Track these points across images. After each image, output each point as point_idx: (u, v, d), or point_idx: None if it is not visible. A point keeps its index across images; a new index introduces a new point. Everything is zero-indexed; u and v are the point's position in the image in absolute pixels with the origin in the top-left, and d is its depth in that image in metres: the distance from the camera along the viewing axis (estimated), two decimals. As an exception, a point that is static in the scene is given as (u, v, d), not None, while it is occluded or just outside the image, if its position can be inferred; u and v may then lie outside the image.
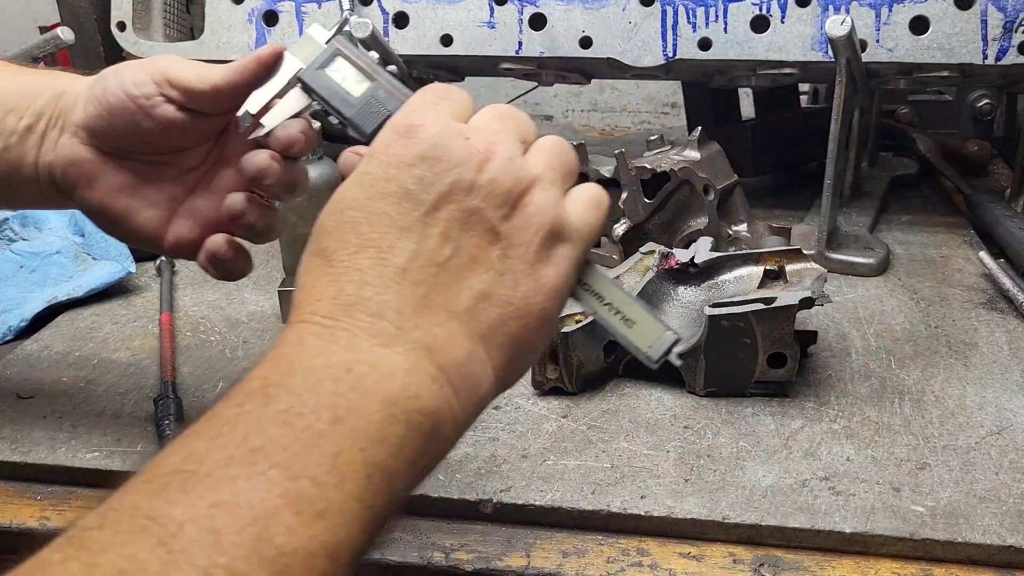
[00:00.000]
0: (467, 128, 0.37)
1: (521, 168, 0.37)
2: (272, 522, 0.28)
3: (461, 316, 0.34)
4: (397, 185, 0.35)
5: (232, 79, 0.49)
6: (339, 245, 0.36)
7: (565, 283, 0.38)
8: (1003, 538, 0.50)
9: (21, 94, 0.52)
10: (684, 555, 0.52)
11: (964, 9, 0.79)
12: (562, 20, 0.89)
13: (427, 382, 0.33)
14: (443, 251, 0.35)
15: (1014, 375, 0.66)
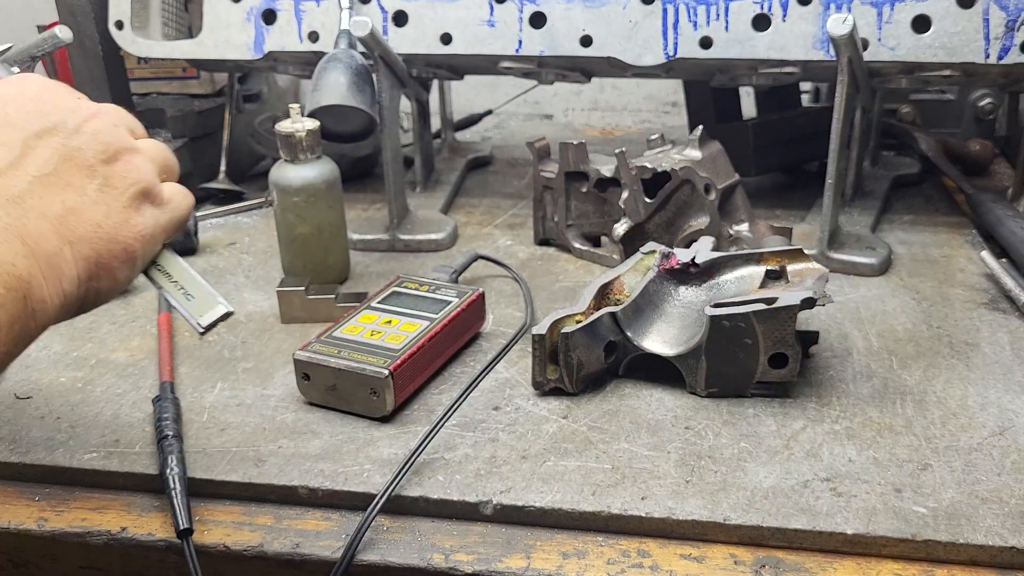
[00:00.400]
0: (83, 98, 0.50)
1: (123, 135, 0.49)
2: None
3: (52, 220, 0.44)
4: (3, 115, 0.46)
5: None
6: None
7: (150, 233, 0.49)
8: (1005, 539, 0.50)
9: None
10: (685, 556, 0.52)
11: (966, 8, 0.79)
12: (562, 19, 0.89)
13: (20, 257, 0.42)
14: (41, 168, 0.45)
15: (1016, 375, 0.66)
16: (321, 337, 0.66)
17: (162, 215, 0.50)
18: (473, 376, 0.66)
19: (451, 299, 0.71)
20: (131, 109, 1.07)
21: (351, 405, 0.63)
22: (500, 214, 1.03)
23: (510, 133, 1.39)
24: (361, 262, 0.90)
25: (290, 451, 0.60)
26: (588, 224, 0.90)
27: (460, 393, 0.63)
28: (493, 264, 0.86)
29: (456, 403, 0.61)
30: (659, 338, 0.66)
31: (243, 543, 0.54)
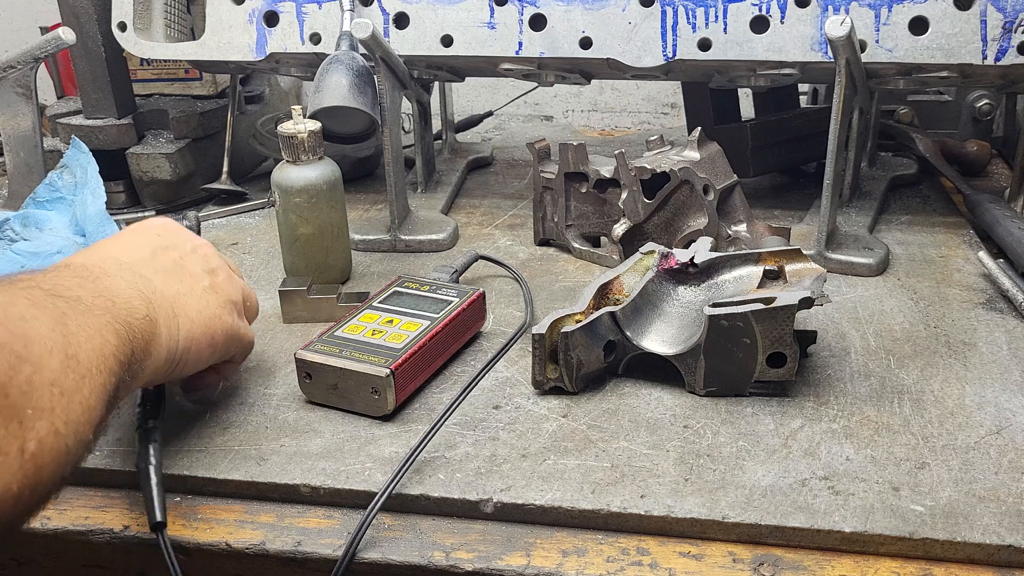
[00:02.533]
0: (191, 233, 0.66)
1: (221, 261, 0.65)
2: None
3: (169, 297, 0.56)
4: (138, 237, 0.61)
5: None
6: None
7: (232, 334, 0.62)
8: (1002, 537, 0.50)
9: None
10: (684, 554, 0.52)
11: (963, 9, 0.79)
12: (562, 21, 0.90)
13: (148, 307, 0.52)
14: (163, 266, 0.59)
15: (1013, 375, 0.66)
16: (323, 336, 0.67)
17: (240, 328, 0.63)
18: (473, 375, 0.66)
19: (452, 299, 0.72)
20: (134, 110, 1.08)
21: (352, 404, 0.64)
22: (500, 215, 1.03)
23: (510, 134, 1.39)
24: (362, 262, 0.91)
25: (292, 450, 0.60)
26: (588, 224, 0.90)
27: (460, 392, 0.63)
28: (493, 264, 0.87)
29: (456, 402, 0.62)
30: (658, 338, 0.67)
31: (245, 541, 0.55)
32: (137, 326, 0.50)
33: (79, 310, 0.46)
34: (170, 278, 0.57)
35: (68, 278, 0.48)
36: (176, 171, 1.05)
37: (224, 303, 0.61)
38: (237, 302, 0.63)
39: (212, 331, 0.58)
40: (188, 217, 0.77)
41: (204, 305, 0.59)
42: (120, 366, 0.47)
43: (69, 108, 1.10)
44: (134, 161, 1.05)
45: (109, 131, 1.04)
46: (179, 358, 0.56)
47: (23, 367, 0.39)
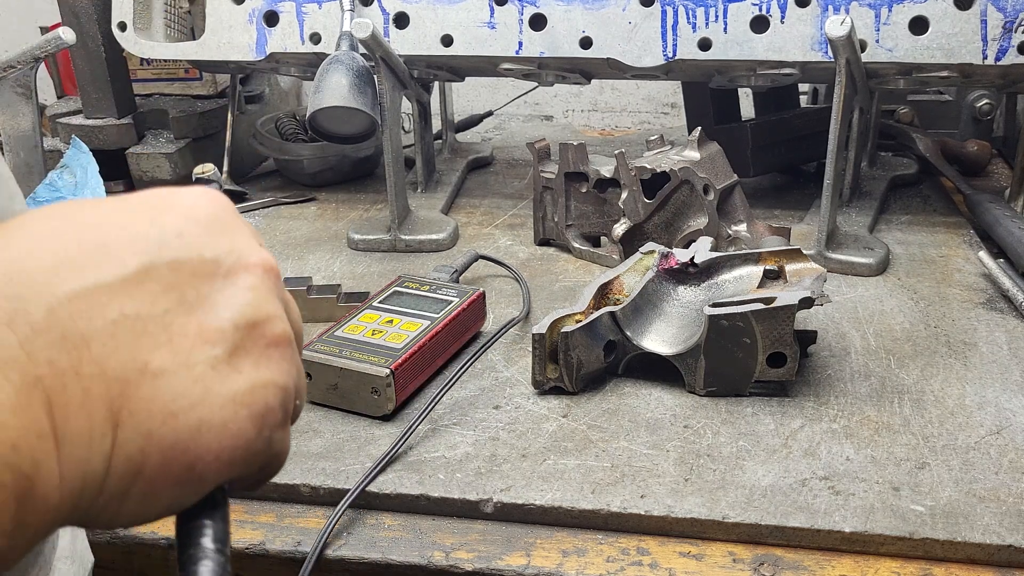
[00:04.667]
0: (260, 242, 0.36)
1: (283, 317, 0.35)
2: None
3: (112, 383, 0.28)
4: (145, 224, 0.33)
5: None
6: None
7: (240, 459, 0.31)
8: (1003, 537, 0.50)
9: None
10: (684, 554, 0.52)
11: (964, 9, 0.79)
12: (562, 20, 0.90)
13: (32, 436, 0.25)
14: (144, 306, 0.30)
15: (1014, 375, 0.66)
16: (323, 336, 0.67)
17: (275, 443, 0.32)
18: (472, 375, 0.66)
19: (452, 299, 0.72)
20: (134, 110, 1.08)
21: (352, 404, 0.64)
22: (500, 214, 1.03)
23: (510, 134, 1.39)
24: (363, 262, 0.91)
25: (292, 450, 0.60)
26: (588, 224, 0.90)
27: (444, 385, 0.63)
28: (494, 264, 0.87)
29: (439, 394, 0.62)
30: (658, 337, 0.67)
31: (245, 541, 0.55)
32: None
33: None
34: (139, 339, 0.28)
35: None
36: (176, 171, 1.05)
37: (253, 392, 0.30)
38: (285, 392, 0.32)
39: (202, 449, 0.29)
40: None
41: (203, 393, 0.29)
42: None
43: (69, 108, 1.10)
44: (134, 161, 1.05)
45: (109, 131, 1.04)
46: (109, 496, 0.28)
47: None
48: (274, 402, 0.31)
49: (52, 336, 0.26)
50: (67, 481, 0.26)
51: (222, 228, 0.31)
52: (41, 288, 0.26)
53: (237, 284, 0.31)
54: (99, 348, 0.27)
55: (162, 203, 0.31)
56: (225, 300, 0.30)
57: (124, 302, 0.28)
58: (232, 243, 0.31)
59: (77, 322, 0.26)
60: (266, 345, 0.31)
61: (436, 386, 0.67)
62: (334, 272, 0.89)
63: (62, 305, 0.26)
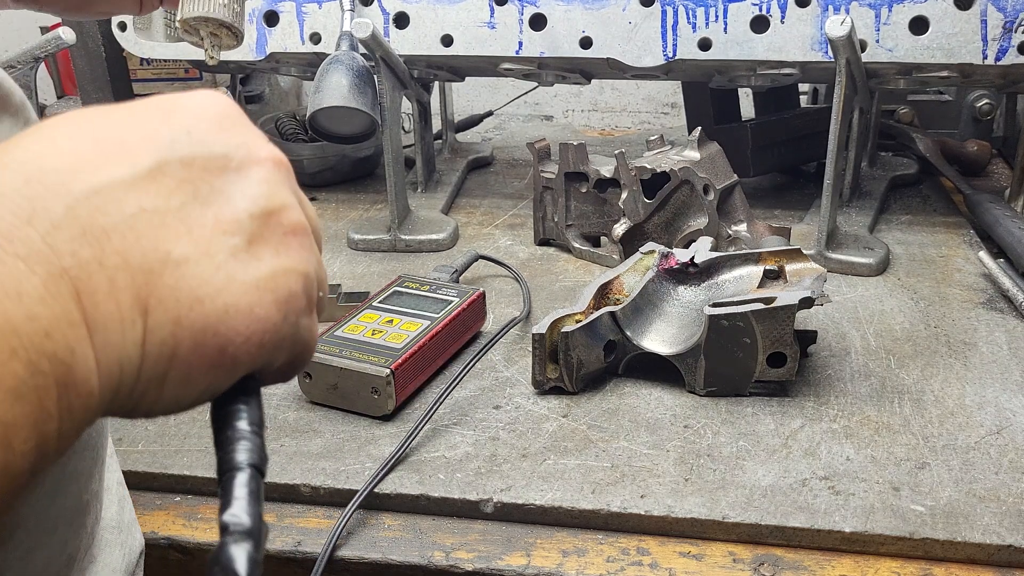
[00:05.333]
0: (266, 140, 0.37)
1: (298, 207, 0.37)
2: None
3: (137, 273, 0.29)
4: (157, 122, 0.34)
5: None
6: None
7: (270, 343, 0.32)
8: (1003, 537, 0.50)
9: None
10: (684, 554, 0.52)
11: (964, 9, 0.79)
12: (562, 20, 0.90)
13: (63, 325, 0.26)
14: (161, 200, 0.31)
15: (1014, 375, 0.66)
16: (323, 336, 0.67)
17: (302, 329, 0.32)
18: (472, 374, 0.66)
19: (452, 299, 0.72)
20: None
21: (353, 404, 0.64)
22: (500, 214, 1.03)
23: (510, 134, 1.39)
24: (363, 262, 0.91)
25: (292, 449, 0.60)
26: (588, 224, 0.90)
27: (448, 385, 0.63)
28: (494, 264, 0.87)
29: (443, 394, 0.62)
30: (658, 337, 0.67)
31: (246, 541, 0.54)
32: (25, 336, 0.25)
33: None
34: (159, 231, 0.28)
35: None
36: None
37: (275, 278, 0.31)
38: (307, 279, 0.33)
39: (231, 332, 0.29)
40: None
41: (220, 284, 0.29)
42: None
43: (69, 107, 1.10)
44: (134, 161, 1.05)
45: (109, 131, 1.04)
46: (147, 382, 0.28)
47: None
48: (297, 287, 0.32)
49: (73, 231, 0.26)
50: (104, 366, 0.27)
51: (231, 125, 0.32)
52: (58, 187, 0.27)
53: (249, 177, 0.31)
54: (120, 240, 0.28)
55: (170, 106, 0.31)
56: (239, 192, 0.31)
57: (141, 196, 0.28)
58: (241, 138, 0.32)
59: (96, 217, 0.27)
60: (284, 233, 0.32)
61: (436, 386, 0.67)
62: (334, 272, 0.89)
63: (79, 202, 0.27)
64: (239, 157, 0.31)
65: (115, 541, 0.45)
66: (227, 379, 0.31)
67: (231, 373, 0.30)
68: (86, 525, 0.41)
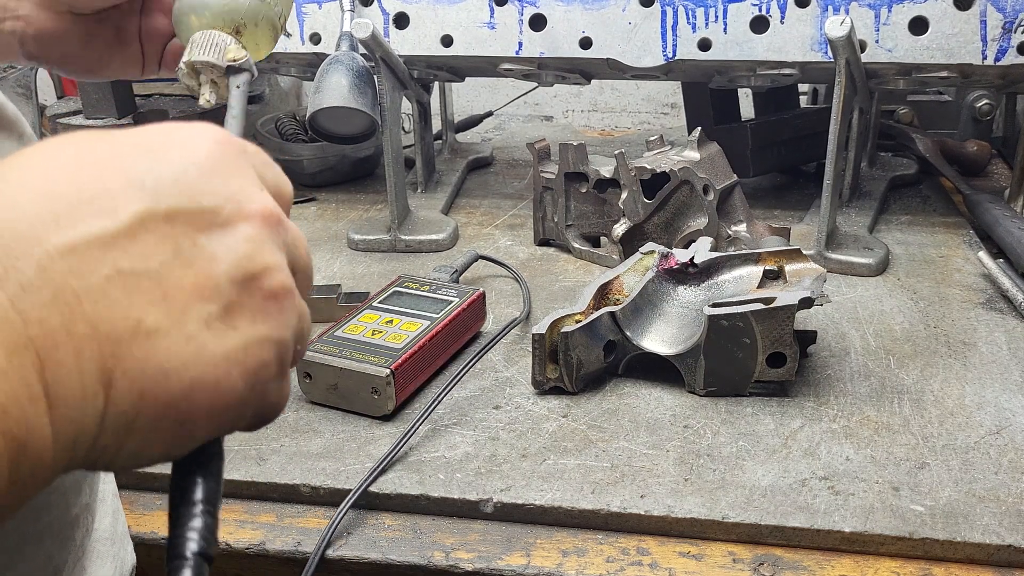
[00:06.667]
0: (261, 187, 0.34)
1: (284, 265, 0.34)
2: None
3: (106, 343, 0.28)
4: (142, 167, 0.32)
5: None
6: None
7: (242, 403, 0.31)
8: (1002, 537, 0.50)
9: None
10: (684, 554, 0.52)
11: (963, 10, 0.79)
12: (562, 21, 0.90)
13: (24, 400, 0.25)
14: (139, 261, 0.29)
15: (1013, 375, 0.66)
16: (323, 336, 0.67)
17: (269, 395, 0.31)
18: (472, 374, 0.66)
19: (452, 299, 0.72)
20: (134, 110, 1.08)
21: (352, 404, 0.64)
22: (500, 215, 1.03)
23: (510, 134, 1.39)
24: (363, 262, 0.91)
25: (292, 450, 0.60)
26: (588, 224, 0.90)
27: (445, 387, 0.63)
28: (493, 264, 0.87)
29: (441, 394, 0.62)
30: (658, 337, 0.67)
31: (245, 541, 0.55)
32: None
33: None
34: (133, 296, 0.27)
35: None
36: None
37: (247, 349, 0.30)
38: (281, 346, 0.31)
39: (194, 407, 0.28)
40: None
41: (195, 352, 0.28)
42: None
43: (69, 108, 1.10)
44: (134, 161, 1.05)
45: (109, 131, 1.04)
46: (102, 448, 0.28)
47: None
48: (269, 356, 0.30)
49: (44, 295, 0.25)
50: (60, 440, 0.26)
51: (223, 171, 0.30)
52: (33, 242, 0.25)
53: (235, 234, 0.30)
54: (91, 306, 0.26)
55: (162, 142, 0.30)
56: (223, 251, 0.29)
57: (118, 256, 0.27)
58: (231, 189, 0.30)
59: (69, 279, 0.26)
60: (263, 298, 0.30)
61: (436, 386, 0.67)
62: (334, 272, 0.89)
63: (54, 261, 0.25)
64: (227, 212, 0.30)
65: (108, 553, 0.44)
66: (186, 447, 0.30)
67: (189, 443, 0.30)
68: (75, 538, 0.40)
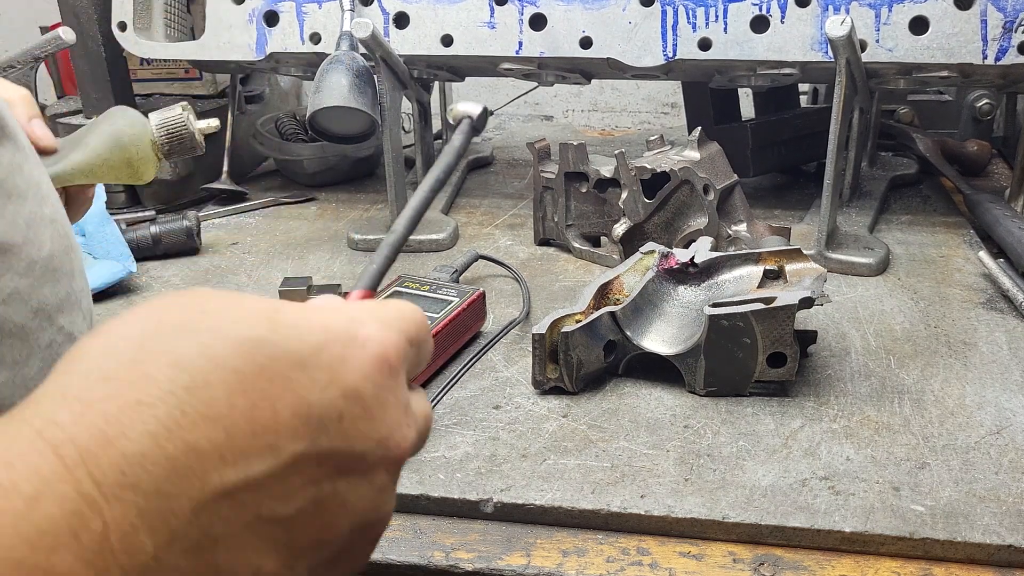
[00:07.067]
0: (409, 409, 0.34)
1: (390, 506, 0.35)
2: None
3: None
4: (310, 389, 0.30)
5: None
6: None
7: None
8: (1003, 537, 0.50)
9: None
10: (684, 554, 0.52)
11: (964, 9, 0.79)
12: (562, 20, 0.90)
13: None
14: (279, 507, 0.28)
15: (1013, 375, 0.66)
16: (323, 337, 0.67)
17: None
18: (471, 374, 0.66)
19: (452, 299, 0.72)
20: (133, 110, 1.08)
21: (352, 404, 0.64)
22: (500, 214, 1.03)
23: (510, 134, 1.39)
24: (363, 262, 0.91)
25: (292, 450, 0.60)
26: (588, 224, 0.90)
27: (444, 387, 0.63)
28: (494, 264, 0.87)
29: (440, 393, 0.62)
30: (658, 337, 0.67)
31: (246, 541, 0.54)
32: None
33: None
34: (266, 535, 0.26)
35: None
36: (176, 171, 1.05)
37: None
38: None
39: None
40: (188, 217, 0.72)
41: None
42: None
43: (69, 108, 1.10)
44: (134, 161, 1.05)
45: (109, 131, 1.04)
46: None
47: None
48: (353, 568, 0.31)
49: (187, 543, 0.24)
50: None
51: (380, 406, 0.30)
52: (195, 482, 0.24)
53: (372, 483, 0.29)
54: (224, 553, 0.25)
55: (339, 356, 0.28)
56: (354, 500, 0.29)
57: (263, 501, 0.26)
58: (382, 433, 0.30)
59: (215, 525, 0.25)
60: (367, 542, 0.31)
61: (436, 386, 0.67)
62: (334, 272, 0.89)
63: (207, 506, 0.24)
64: (373, 459, 0.29)
65: None
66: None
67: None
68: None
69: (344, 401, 0.28)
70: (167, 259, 0.92)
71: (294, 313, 0.29)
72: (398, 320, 0.32)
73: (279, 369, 0.27)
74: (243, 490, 0.25)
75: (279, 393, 0.26)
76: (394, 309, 0.34)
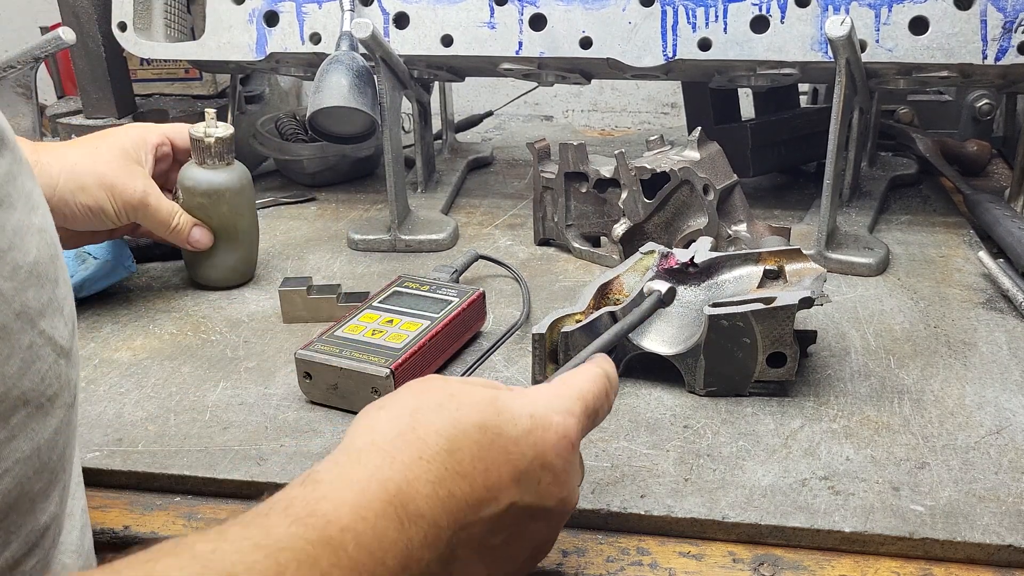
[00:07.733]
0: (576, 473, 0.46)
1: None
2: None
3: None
4: (521, 459, 0.42)
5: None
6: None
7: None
8: (1002, 537, 0.50)
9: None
10: (684, 554, 0.52)
11: (964, 9, 0.79)
12: (562, 20, 0.90)
13: None
14: (487, 537, 0.40)
15: (1013, 375, 0.66)
16: (323, 336, 0.67)
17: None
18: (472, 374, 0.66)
19: (452, 299, 0.72)
20: (134, 110, 1.08)
21: (353, 404, 0.64)
22: (500, 214, 1.03)
23: (510, 134, 1.39)
24: (363, 262, 0.91)
25: (292, 450, 0.60)
26: (588, 224, 0.90)
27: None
28: (494, 264, 0.87)
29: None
30: (658, 337, 0.67)
31: (246, 541, 0.54)
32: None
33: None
34: (483, 556, 0.39)
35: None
36: (176, 171, 1.05)
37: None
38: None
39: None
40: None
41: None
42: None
43: (69, 108, 1.10)
44: (134, 161, 1.05)
45: (109, 131, 1.04)
46: None
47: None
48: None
49: (443, 558, 0.36)
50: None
51: (566, 475, 0.42)
52: (453, 517, 0.36)
53: (550, 526, 0.42)
54: (458, 565, 0.37)
55: (542, 437, 0.41)
56: (532, 533, 0.41)
57: (486, 533, 0.38)
58: (564, 493, 0.42)
59: (458, 547, 0.37)
60: (537, 559, 0.44)
61: (436, 386, 0.67)
62: (334, 272, 0.89)
63: (457, 534, 0.36)
64: (555, 512, 0.42)
65: (74, 566, 0.45)
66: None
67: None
68: (42, 546, 0.41)
69: (541, 470, 0.40)
70: (167, 259, 0.92)
71: (509, 400, 0.41)
72: (581, 401, 0.44)
73: (502, 444, 0.39)
74: (476, 525, 0.37)
75: (502, 461, 0.39)
76: (576, 391, 0.45)
